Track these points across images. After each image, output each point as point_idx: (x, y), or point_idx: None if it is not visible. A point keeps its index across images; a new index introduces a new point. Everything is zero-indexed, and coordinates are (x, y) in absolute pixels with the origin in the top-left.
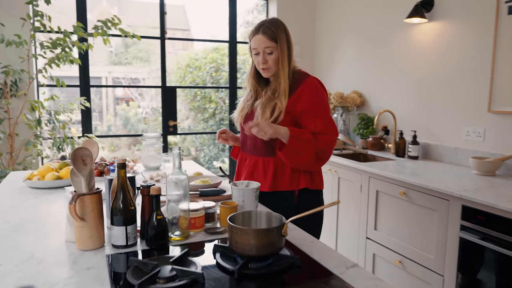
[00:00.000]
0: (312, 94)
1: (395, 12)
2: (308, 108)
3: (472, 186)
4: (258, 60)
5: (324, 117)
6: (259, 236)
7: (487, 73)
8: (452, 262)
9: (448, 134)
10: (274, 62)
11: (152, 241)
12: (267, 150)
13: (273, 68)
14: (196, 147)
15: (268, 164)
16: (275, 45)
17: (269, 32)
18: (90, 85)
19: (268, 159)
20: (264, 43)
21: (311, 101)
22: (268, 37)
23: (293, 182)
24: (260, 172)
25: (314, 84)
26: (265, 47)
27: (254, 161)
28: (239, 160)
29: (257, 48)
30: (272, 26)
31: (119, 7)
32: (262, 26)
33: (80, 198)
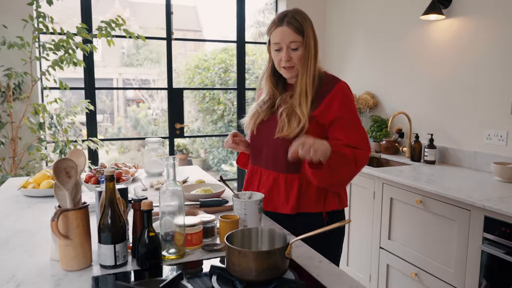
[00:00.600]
0: (345, 101)
1: (410, 8)
2: (340, 116)
3: (495, 194)
4: (280, 57)
5: (358, 129)
6: (259, 259)
7: (510, 73)
8: (473, 277)
9: (467, 137)
10: (300, 60)
11: (143, 260)
12: (290, 165)
13: (298, 67)
14: (205, 149)
15: (291, 182)
16: (301, 39)
17: (296, 23)
18: (95, 87)
19: (291, 177)
20: (289, 36)
21: (344, 109)
22: (294, 30)
23: (319, 201)
24: (281, 191)
25: (346, 90)
26: (290, 41)
27: (273, 178)
28: (250, 174)
29: (280, 43)
30: (298, 17)
31: (132, 9)
32: (286, 16)
33: (64, 214)
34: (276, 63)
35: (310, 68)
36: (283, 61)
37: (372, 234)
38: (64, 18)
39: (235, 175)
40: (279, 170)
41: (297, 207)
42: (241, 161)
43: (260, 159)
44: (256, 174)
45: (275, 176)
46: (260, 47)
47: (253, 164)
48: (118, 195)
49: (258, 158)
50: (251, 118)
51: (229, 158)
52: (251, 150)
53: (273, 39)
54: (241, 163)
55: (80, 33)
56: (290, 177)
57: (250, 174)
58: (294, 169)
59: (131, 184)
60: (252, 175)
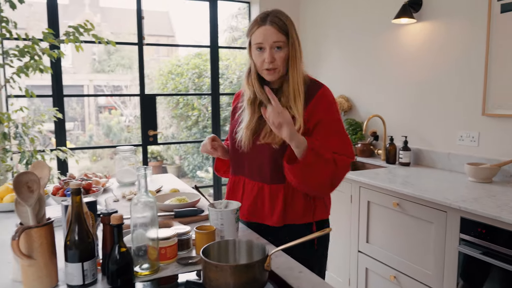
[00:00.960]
0: (329, 106)
1: (382, 12)
2: (324, 120)
3: (470, 195)
4: (262, 58)
5: (342, 135)
6: (237, 273)
7: (480, 75)
8: (451, 278)
9: (440, 139)
10: (283, 61)
11: (114, 278)
12: (275, 176)
13: (281, 69)
14: (180, 156)
15: (276, 193)
16: (285, 39)
17: (279, 22)
18: (64, 94)
19: (276, 187)
20: (272, 36)
21: (328, 114)
22: (278, 29)
23: (308, 212)
24: (266, 203)
25: (330, 96)
26: (273, 41)
27: (258, 189)
28: (232, 184)
29: (263, 43)
30: (282, 17)
31: (102, 14)
32: (269, 15)
33: (26, 232)
34: (259, 65)
35: (299, 69)
36: (266, 63)
37: (350, 238)
38: (31, 24)
39: (211, 182)
40: (263, 180)
41: (283, 218)
42: (221, 170)
43: (243, 169)
44: (239, 184)
45: (260, 186)
46: (233, 51)
47: (236, 174)
48: (86, 209)
49: (242, 168)
50: (247, 129)
51: (204, 164)
52: (232, 159)
53: (255, 39)
54: (221, 172)
55: (46, 39)
56: (275, 188)
57: (232, 185)
58: (279, 179)
59: (102, 195)
60: (234, 186)
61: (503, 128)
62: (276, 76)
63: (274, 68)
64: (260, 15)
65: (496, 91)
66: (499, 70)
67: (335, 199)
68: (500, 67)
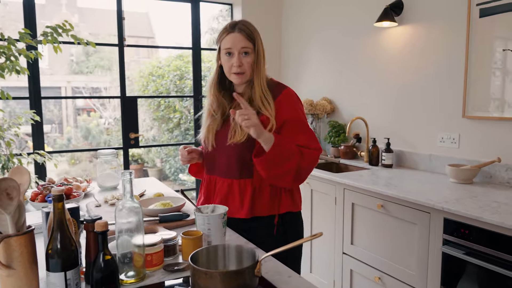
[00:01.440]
0: (293, 106)
1: (364, 15)
2: (288, 121)
3: (452, 196)
4: (231, 62)
5: (307, 131)
6: (227, 279)
7: (460, 78)
8: (434, 279)
9: (422, 141)
10: (250, 66)
11: (99, 286)
12: (243, 171)
13: (248, 73)
14: (161, 158)
15: (244, 188)
16: (252, 46)
17: (247, 31)
18: (41, 96)
19: (244, 182)
20: (241, 42)
21: (292, 114)
22: (246, 36)
23: (274, 205)
24: (236, 197)
25: (293, 96)
26: (242, 47)
27: (227, 185)
28: (206, 184)
29: (232, 48)
30: (249, 26)
31: (80, 14)
32: (238, 24)
33: (5, 241)
34: (227, 69)
35: (262, 74)
36: (234, 67)
37: (334, 240)
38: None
39: (193, 185)
40: (232, 176)
41: (251, 211)
42: (193, 169)
43: (215, 168)
44: (212, 183)
45: (229, 182)
46: (215, 53)
47: (209, 174)
48: (68, 216)
49: (213, 167)
50: (208, 132)
51: (186, 167)
52: (205, 160)
53: (224, 45)
54: (193, 172)
55: (23, 39)
56: (244, 182)
57: (207, 184)
58: (247, 174)
59: (83, 200)
60: (208, 185)
61: (483, 130)
62: (244, 79)
63: (242, 72)
64: (230, 23)
65: (476, 94)
66: (478, 73)
67: (320, 201)
68: (480, 71)
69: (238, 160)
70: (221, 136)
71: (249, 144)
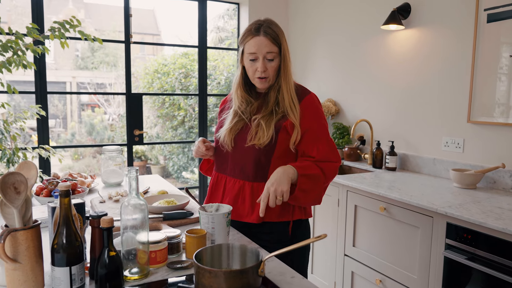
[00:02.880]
0: (316, 113)
1: (371, 18)
2: (310, 129)
3: (455, 201)
4: (255, 67)
5: (328, 142)
6: (231, 278)
7: (466, 83)
8: (436, 283)
9: (426, 144)
10: (274, 70)
11: (103, 282)
12: (257, 174)
13: (272, 78)
14: (165, 156)
15: (257, 191)
16: (277, 50)
17: (272, 34)
18: (47, 91)
19: (257, 185)
20: (266, 47)
21: (314, 122)
22: (271, 40)
23: (286, 211)
24: (246, 200)
25: (316, 102)
26: (267, 51)
27: (239, 187)
28: (214, 181)
29: (257, 53)
30: (274, 27)
31: (86, 10)
32: (262, 26)
33: (12, 234)
34: (251, 73)
35: (290, 80)
36: (258, 72)
37: (336, 242)
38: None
39: (196, 183)
40: (245, 178)
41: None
42: (205, 167)
43: (226, 166)
44: (221, 182)
45: (241, 184)
46: (221, 52)
47: (218, 171)
48: (74, 212)
49: (224, 166)
50: (230, 132)
51: (189, 165)
52: (216, 157)
53: (248, 48)
54: (204, 170)
55: (30, 34)
56: (257, 186)
57: (215, 182)
58: (261, 178)
59: (88, 196)
60: (216, 183)
61: (488, 135)
62: (267, 85)
63: (266, 77)
64: (254, 25)
65: (482, 99)
66: (484, 78)
67: (323, 203)
68: (486, 76)
69: (255, 163)
70: (239, 136)
71: (268, 147)
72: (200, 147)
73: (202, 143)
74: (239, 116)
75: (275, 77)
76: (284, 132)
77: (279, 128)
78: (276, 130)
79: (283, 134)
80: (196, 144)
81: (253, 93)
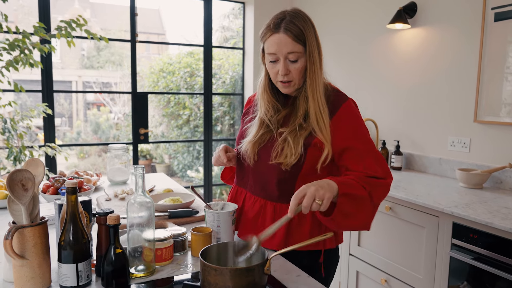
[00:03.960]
0: (354, 126)
1: (377, 17)
2: (351, 146)
3: (462, 201)
4: (276, 69)
5: (374, 155)
6: (237, 276)
7: (473, 82)
8: (442, 283)
9: (432, 144)
10: (299, 73)
11: (109, 280)
12: (282, 194)
13: (297, 82)
14: (169, 154)
15: (280, 213)
16: (302, 49)
17: (295, 30)
18: (54, 90)
19: (280, 206)
20: (287, 46)
21: (355, 138)
22: (293, 38)
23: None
24: (267, 222)
25: (353, 111)
26: (288, 52)
27: (260, 206)
28: (234, 194)
29: (277, 54)
30: (298, 21)
31: (92, 10)
32: (284, 20)
33: (20, 231)
34: (272, 76)
35: (318, 83)
36: (280, 75)
37: (347, 231)
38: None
39: (201, 182)
40: (267, 197)
41: (285, 242)
42: (226, 177)
43: (246, 181)
44: (240, 196)
45: (262, 203)
46: (226, 51)
47: (238, 185)
48: (81, 209)
49: (245, 179)
50: (253, 145)
51: (194, 164)
52: (237, 168)
53: (268, 48)
54: (226, 179)
55: (37, 33)
56: (279, 207)
57: (234, 195)
58: (285, 199)
59: (94, 194)
60: (235, 197)
61: (494, 135)
62: (292, 89)
63: (289, 81)
64: (274, 19)
65: (488, 98)
66: (491, 78)
67: None
68: (493, 75)
69: (278, 181)
70: (264, 150)
71: (295, 166)
72: (221, 156)
73: (224, 152)
74: (266, 127)
75: (302, 79)
76: (314, 149)
77: (309, 145)
78: (305, 146)
79: (313, 150)
80: (217, 152)
81: (281, 97)
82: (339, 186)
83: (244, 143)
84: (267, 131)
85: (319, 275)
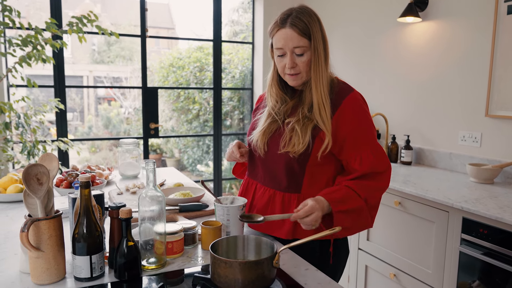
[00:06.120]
0: (356, 117)
1: (388, 10)
2: (351, 135)
3: (472, 196)
4: (283, 63)
5: (372, 147)
6: (246, 269)
7: (485, 76)
8: (451, 278)
9: (442, 138)
10: (307, 66)
11: (122, 271)
12: (290, 184)
13: (304, 74)
14: (179, 149)
15: (288, 203)
16: (307, 43)
17: (301, 25)
18: (66, 85)
19: (289, 196)
20: (293, 40)
21: (354, 127)
22: (299, 32)
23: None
24: (276, 212)
25: (358, 102)
26: (294, 46)
27: (269, 196)
28: (245, 186)
29: (283, 48)
30: (304, 17)
31: (103, 5)
32: (290, 16)
33: (35, 224)
34: (280, 70)
35: (322, 76)
36: (287, 68)
37: (351, 235)
38: (32, 13)
39: (211, 176)
40: (276, 187)
41: (293, 231)
42: (238, 171)
43: (257, 172)
44: (251, 188)
45: (271, 193)
46: (236, 46)
47: (249, 177)
48: (94, 202)
49: (256, 171)
50: (263, 134)
51: (204, 158)
52: (249, 160)
53: (275, 43)
54: (238, 173)
55: (49, 29)
56: (288, 197)
57: (245, 187)
58: (294, 188)
59: (105, 188)
60: (246, 189)
61: (506, 129)
62: (300, 81)
63: (296, 74)
64: (282, 15)
65: (500, 92)
66: (503, 71)
67: None
68: (505, 69)
69: (287, 171)
70: (273, 141)
71: (302, 155)
72: (234, 152)
73: (237, 148)
74: (273, 117)
75: (309, 72)
76: (318, 141)
77: (316, 134)
78: (313, 136)
79: (319, 141)
80: (230, 148)
81: (289, 90)
82: (332, 205)
83: (254, 134)
84: (275, 121)
85: (327, 264)
